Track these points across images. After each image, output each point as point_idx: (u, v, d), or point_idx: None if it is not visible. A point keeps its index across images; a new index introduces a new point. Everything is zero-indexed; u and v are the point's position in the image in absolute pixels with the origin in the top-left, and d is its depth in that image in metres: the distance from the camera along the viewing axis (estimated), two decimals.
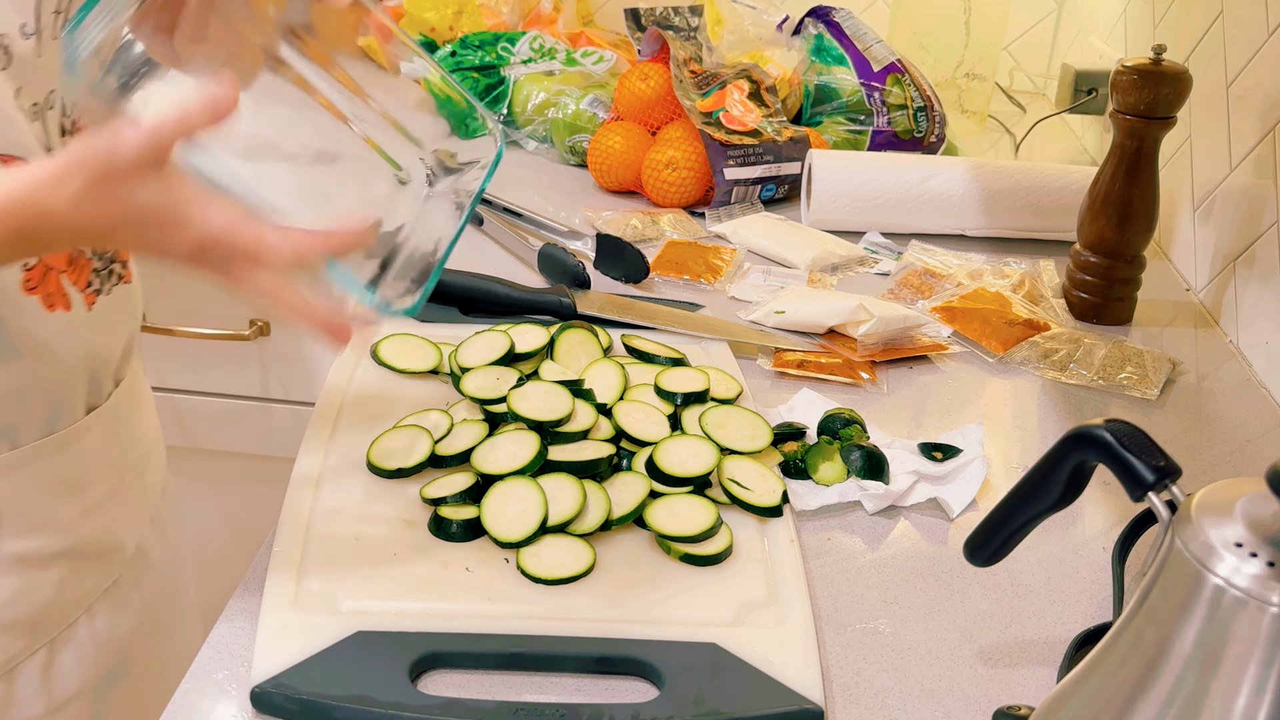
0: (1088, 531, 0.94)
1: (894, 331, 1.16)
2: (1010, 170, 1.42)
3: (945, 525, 0.93)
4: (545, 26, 1.81)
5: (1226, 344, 1.24)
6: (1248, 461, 1.04)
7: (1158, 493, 0.62)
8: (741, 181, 1.45)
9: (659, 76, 1.50)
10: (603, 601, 0.80)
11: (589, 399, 0.98)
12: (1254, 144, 1.22)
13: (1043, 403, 1.11)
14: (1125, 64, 1.17)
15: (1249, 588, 0.51)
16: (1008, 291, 1.26)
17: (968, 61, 1.80)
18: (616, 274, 1.26)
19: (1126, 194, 1.20)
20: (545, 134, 1.62)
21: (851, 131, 1.58)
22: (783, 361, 1.13)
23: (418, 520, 0.86)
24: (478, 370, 1.00)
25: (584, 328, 1.08)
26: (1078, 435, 0.67)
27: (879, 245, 1.40)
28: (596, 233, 1.29)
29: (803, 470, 0.96)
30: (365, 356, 1.06)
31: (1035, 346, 1.18)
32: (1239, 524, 0.53)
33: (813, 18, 1.66)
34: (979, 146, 1.76)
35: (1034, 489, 0.71)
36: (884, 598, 0.85)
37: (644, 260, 1.26)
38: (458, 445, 0.92)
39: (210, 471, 1.56)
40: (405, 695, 0.71)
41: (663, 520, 0.86)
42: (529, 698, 0.73)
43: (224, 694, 0.73)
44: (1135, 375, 1.14)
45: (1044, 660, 0.80)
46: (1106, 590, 0.87)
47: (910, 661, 0.79)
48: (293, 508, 0.86)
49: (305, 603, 0.78)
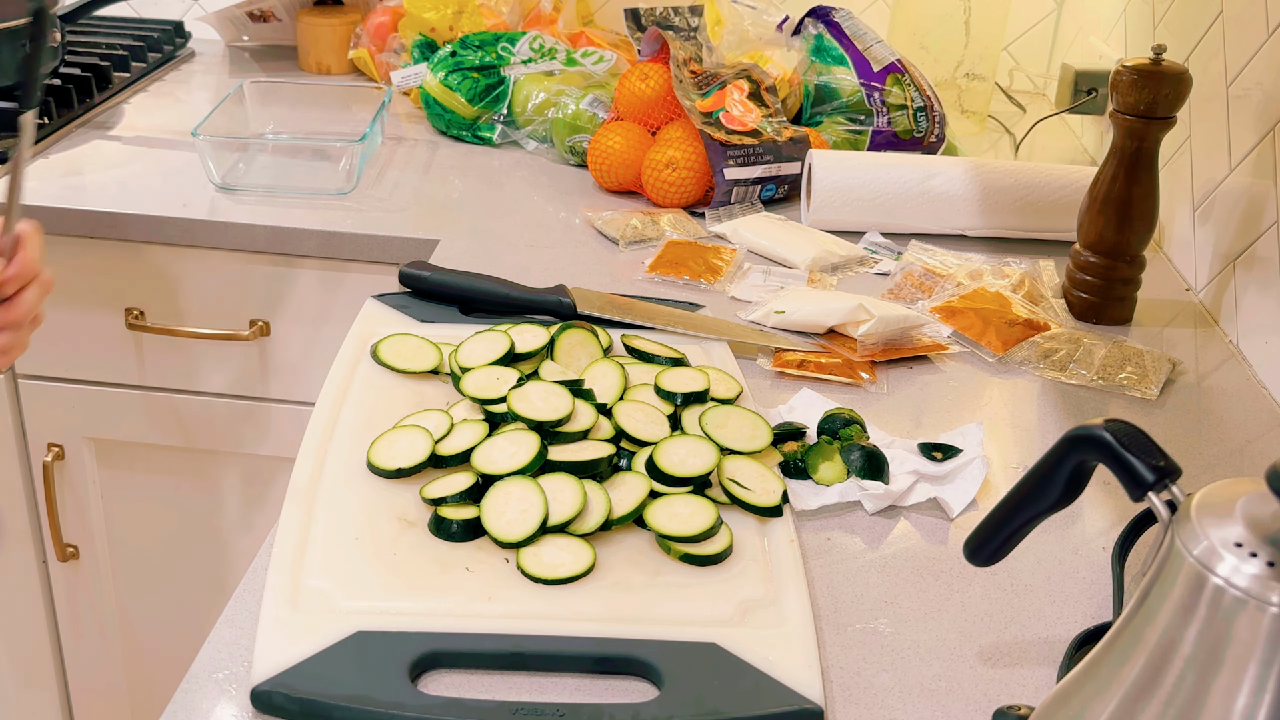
0: (1087, 531, 0.94)
1: (894, 331, 1.16)
2: (1010, 170, 1.42)
3: (945, 525, 0.93)
4: (545, 26, 1.81)
5: (1226, 344, 1.24)
6: (1247, 461, 1.04)
7: (1157, 493, 0.62)
8: (741, 181, 1.45)
9: (659, 76, 1.50)
10: (603, 601, 0.80)
11: (589, 399, 0.98)
12: (1254, 144, 1.22)
13: (1043, 403, 1.11)
14: (1125, 64, 1.17)
15: (1249, 588, 0.51)
16: (1008, 291, 1.26)
17: (967, 61, 1.80)
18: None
19: (1126, 194, 1.20)
20: (545, 134, 1.62)
21: (851, 131, 1.58)
22: (783, 361, 1.13)
23: (417, 520, 0.86)
24: (478, 370, 1.00)
25: (584, 328, 1.08)
26: (1078, 435, 0.67)
27: (879, 245, 1.40)
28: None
29: (803, 470, 0.96)
30: (365, 357, 1.06)
31: (1035, 346, 1.18)
32: (1239, 524, 0.53)
33: (812, 18, 1.66)
34: (979, 146, 1.76)
35: (1034, 489, 0.71)
36: (884, 597, 0.85)
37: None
38: (458, 445, 0.92)
39: (210, 471, 1.56)
40: (405, 695, 0.71)
41: (663, 520, 0.86)
42: (529, 698, 0.73)
43: (224, 694, 0.73)
44: (1135, 375, 1.14)
45: (1044, 660, 0.80)
46: (1106, 590, 0.87)
47: (910, 661, 0.79)
48: (293, 508, 0.86)
49: (305, 603, 0.78)
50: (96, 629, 1.67)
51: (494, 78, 1.65)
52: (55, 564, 1.63)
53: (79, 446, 1.56)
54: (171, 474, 1.58)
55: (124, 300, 1.47)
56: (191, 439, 1.54)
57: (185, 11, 2.06)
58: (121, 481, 1.59)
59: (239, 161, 1.54)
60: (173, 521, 1.60)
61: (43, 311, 1.01)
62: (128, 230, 1.41)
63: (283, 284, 1.44)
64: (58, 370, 1.52)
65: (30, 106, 0.94)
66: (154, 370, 1.51)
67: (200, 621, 1.65)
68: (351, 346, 1.07)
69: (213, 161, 1.46)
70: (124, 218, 1.40)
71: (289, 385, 1.50)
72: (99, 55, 1.79)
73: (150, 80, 1.84)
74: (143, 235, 1.41)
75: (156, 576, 1.64)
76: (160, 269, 1.45)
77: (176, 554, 1.62)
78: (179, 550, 1.62)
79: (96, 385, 1.53)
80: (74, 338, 1.50)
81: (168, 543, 1.62)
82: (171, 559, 1.62)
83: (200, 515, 1.60)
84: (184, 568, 1.63)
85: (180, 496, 1.59)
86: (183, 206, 1.41)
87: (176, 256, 1.44)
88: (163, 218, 1.40)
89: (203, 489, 1.58)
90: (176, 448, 1.56)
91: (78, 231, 1.42)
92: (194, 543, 1.62)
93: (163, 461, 1.57)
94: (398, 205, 1.45)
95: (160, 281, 1.45)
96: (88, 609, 1.66)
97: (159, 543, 1.62)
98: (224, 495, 1.58)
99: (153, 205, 1.41)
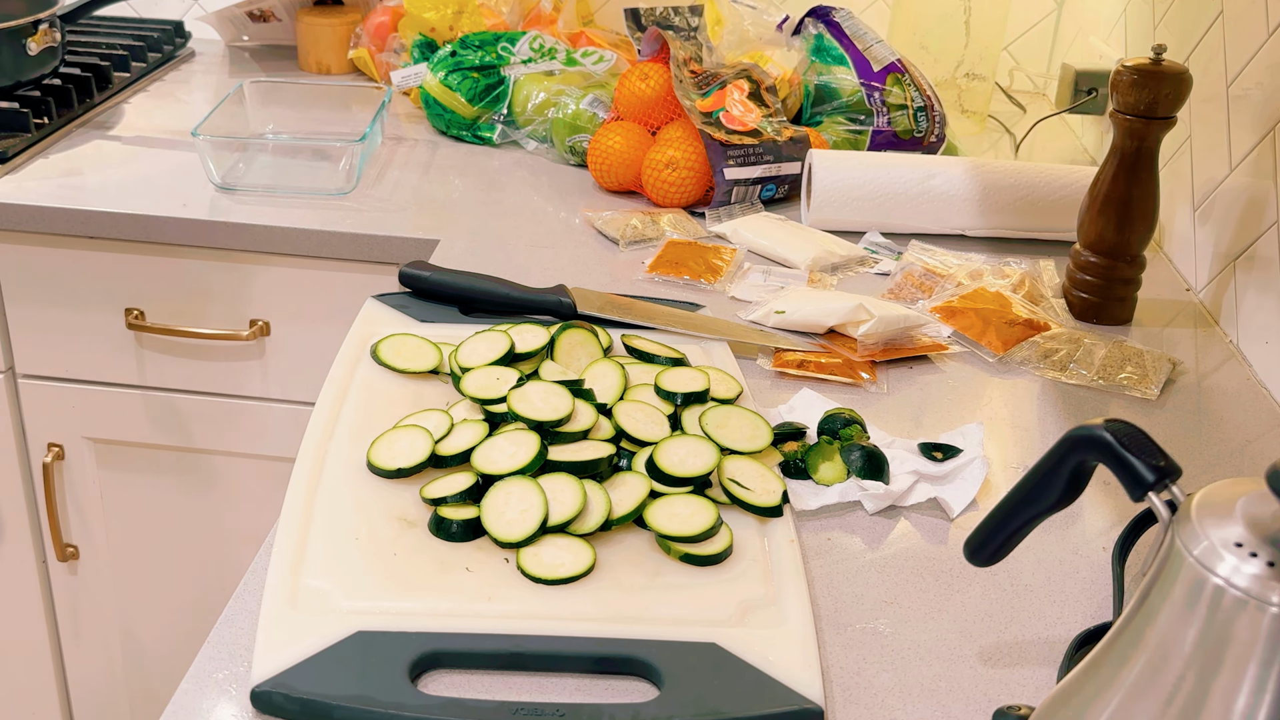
0: (1088, 531, 0.94)
1: (894, 331, 1.16)
2: (1010, 170, 1.42)
3: (945, 525, 0.93)
4: (545, 26, 1.81)
5: (1226, 344, 1.24)
6: (1248, 461, 1.04)
7: (1158, 493, 0.62)
8: (741, 181, 1.45)
9: (659, 76, 1.50)
10: (602, 601, 0.80)
11: (589, 399, 0.98)
12: (1254, 144, 1.22)
13: (1043, 403, 1.11)
14: (1125, 64, 1.17)
15: (1249, 588, 0.51)
16: (1008, 291, 1.26)
17: (968, 61, 1.80)
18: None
19: (1126, 194, 1.20)
20: (545, 134, 1.62)
21: (851, 131, 1.58)
22: (783, 361, 1.13)
23: (417, 520, 0.86)
24: (478, 370, 1.00)
25: (584, 328, 1.08)
26: (1078, 435, 0.67)
27: (879, 245, 1.40)
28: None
29: (803, 470, 0.96)
30: (365, 356, 1.06)
31: (1035, 346, 1.18)
32: (1239, 524, 0.53)
33: (813, 18, 1.66)
34: (979, 146, 1.76)
35: (1034, 489, 0.71)
36: (884, 598, 0.85)
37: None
38: (458, 445, 0.92)
39: (209, 471, 1.56)
40: (405, 695, 0.71)
41: (663, 520, 0.86)
42: (529, 698, 0.73)
43: (224, 694, 0.73)
44: (1135, 375, 1.14)
45: (1044, 660, 0.80)
46: (1106, 590, 0.87)
47: (910, 661, 0.79)
48: (293, 508, 0.86)
49: (305, 603, 0.78)
50: (96, 629, 1.67)
51: (494, 78, 1.65)
52: (55, 564, 1.63)
53: (79, 446, 1.56)
54: (171, 474, 1.58)
55: (124, 300, 1.47)
56: (191, 439, 1.54)
57: (185, 11, 2.06)
58: (121, 481, 1.59)
59: (239, 161, 1.54)
60: (172, 521, 1.60)
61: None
62: (128, 230, 1.41)
63: (283, 284, 1.44)
64: (57, 370, 1.52)
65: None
66: (154, 370, 1.51)
67: (200, 621, 1.65)
68: (351, 346, 1.07)
69: (213, 161, 1.46)
70: (124, 218, 1.40)
71: (289, 385, 1.50)
72: (99, 55, 1.79)
73: (150, 80, 1.84)
74: (143, 235, 1.41)
75: (156, 576, 1.64)
76: (160, 269, 1.45)
77: (176, 554, 1.62)
78: (179, 550, 1.62)
79: (96, 385, 1.53)
80: (74, 338, 1.50)
81: (167, 542, 1.62)
82: (171, 559, 1.62)
83: (200, 515, 1.60)
84: (184, 567, 1.63)
85: (180, 496, 1.59)
86: (182, 206, 1.41)
87: (176, 256, 1.44)
88: (163, 218, 1.40)
89: (202, 489, 1.58)
90: (176, 447, 1.56)
91: (78, 231, 1.42)
92: (194, 542, 1.62)
93: (162, 461, 1.57)
94: (398, 205, 1.45)
95: (160, 281, 1.45)
96: (87, 609, 1.66)
97: (159, 542, 1.62)
98: (224, 495, 1.58)
99: (153, 205, 1.41)
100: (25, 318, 1.49)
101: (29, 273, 1.46)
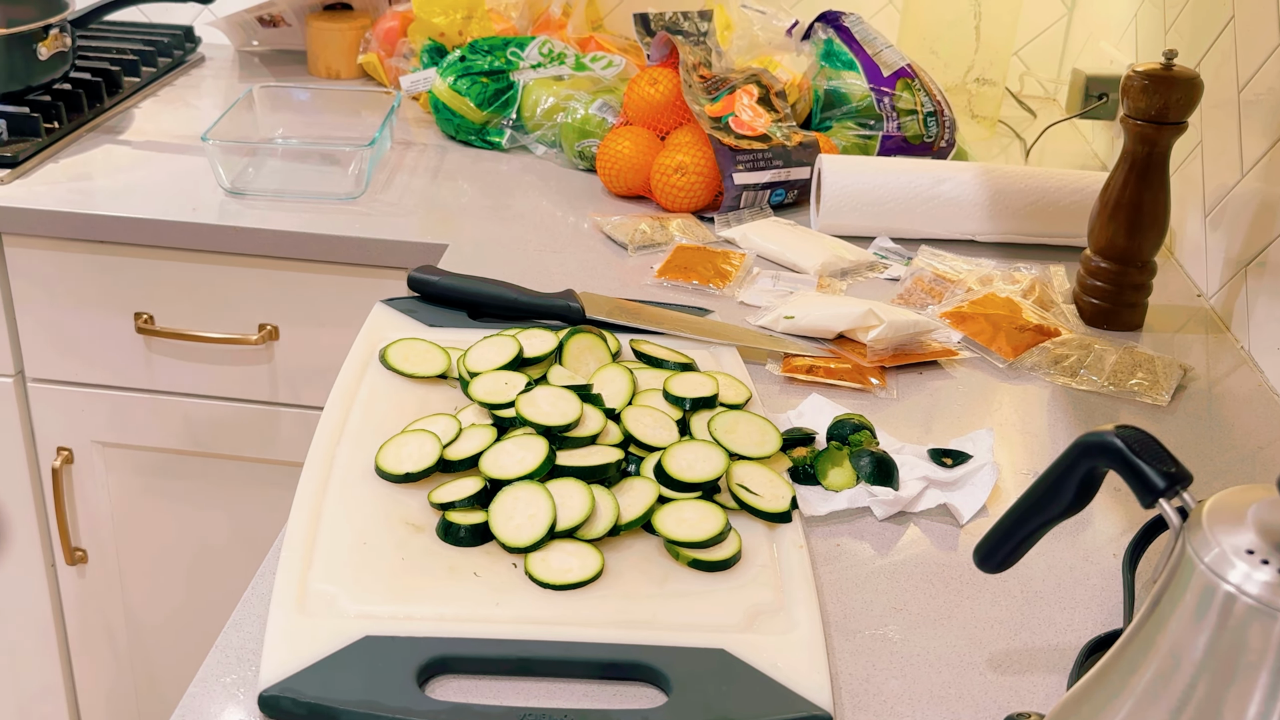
0: (1098, 538, 0.93)
1: (904, 337, 1.16)
2: (1020, 175, 1.42)
3: (955, 531, 0.93)
4: (554, 31, 1.81)
5: (1238, 350, 1.23)
6: (1259, 468, 1.04)
7: (1169, 499, 0.61)
8: (751, 186, 1.45)
9: (668, 81, 1.50)
10: (611, 607, 0.79)
11: (597, 404, 0.98)
12: (1265, 149, 1.22)
13: (1053, 409, 1.11)
14: (1136, 69, 1.17)
15: (1261, 595, 0.51)
16: (1018, 297, 1.26)
17: (978, 66, 1.79)
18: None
19: (1137, 199, 1.20)
20: (554, 138, 1.62)
21: (861, 136, 1.58)
22: (792, 367, 1.13)
23: (425, 525, 0.86)
24: (486, 375, 1.00)
25: (592, 332, 1.08)
26: (1088, 441, 0.67)
27: (889, 250, 1.40)
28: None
29: (812, 476, 0.96)
30: (374, 361, 1.06)
31: (1045, 352, 1.17)
32: (1251, 531, 0.53)
33: (822, 23, 1.66)
34: (989, 151, 1.76)
35: (1044, 495, 0.71)
36: (893, 604, 0.85)
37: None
38: (466, 450, 0.91)
39: (218, 476, 1.56)
40: (413, 700, 0.71)
41: (671, 526, 0.85)
42: (537, 703, 0.73)
43: (232, 698, 0.73)
44: (1146, 381, 1.14)
45: (1054, 667, 0.80)
46: (1117, 597, 0.86)
47: (920, 668, 0.79)
48: (300, 512, 0.86)
49: (313, 607, 0.78)
50: (104, 633, 1.67)
51: (503, 82, 1.65)
52: (64, 568, 1.64)
53: (88, 450, 1.56)
54: (180, 478, 1.58)
55: (133, 304, 1.47)
56: (200, 443, 1.54)
57: (195, 16, 2.07)
58: (130, 485, 1.59)
59: (248, 166, 1.54)
60: (181, 525, 1.61)
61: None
62: (137, 235, 1.41)
63: (291, 288, 1.44)
64: (67, 374, 1.53)
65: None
66: (163, 374, 1.51)
67: (208, 625, 1.65)
68: (360, 351, 1.07)
69: (222, 166, 1.46)
70: (133, 222, 1.41)
71: (297, 390, 1.50)
72: (109, 60, 1.80)
73: (160, 85, 1.85)
74: (152, 240, 1.41)
75: (164, 580, 1.64)
76: (169, 273, 1.45)
77: (184, 558, 1.62)
78: (187, 554, 1.62)
79: (105, 389, 1.53)
80: (83, 342, 1.50)
81: (176, 547, 1.62)
82: (179, 563, 1.63)
83: (208, 519, 1.60)
84: (192, 572, 1.63)
85: (188, 500, 1.59)
86: (192, 211, 1.42)
87: (186, 261, 1.44)
88: (172, 222, 1.40)
89: (211, 493, 1.58)
90: (185, 452, 1.56)
91: (87, 236, 1.42)
92: (202, 547, 1.62)
93: (171, 465, 1.57)
94: (406, 210, 1.45)
95: (169, 286, 1.46)
96: (96, 613, 1.67)
97: (167, 546, 1.62)
98: (232, 499, 1.58)
99: (162, 210, 1.41)
100: (35, 321, 1.50)
101: (39, 277, 1.47)
